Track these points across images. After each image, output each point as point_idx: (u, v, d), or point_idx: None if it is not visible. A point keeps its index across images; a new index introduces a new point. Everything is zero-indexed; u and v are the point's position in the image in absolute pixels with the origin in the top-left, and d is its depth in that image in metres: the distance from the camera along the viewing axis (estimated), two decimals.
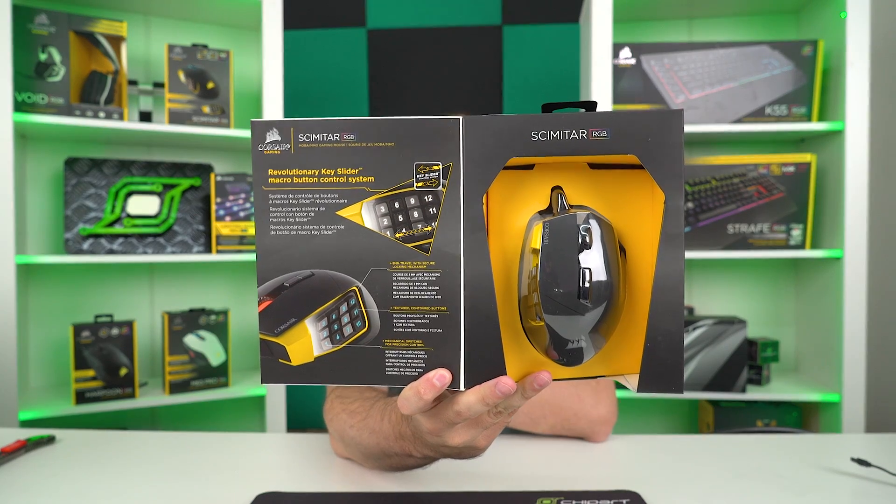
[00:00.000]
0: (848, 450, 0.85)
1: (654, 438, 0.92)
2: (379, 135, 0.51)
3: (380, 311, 0.51)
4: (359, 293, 0.52)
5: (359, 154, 0.51)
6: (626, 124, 0.48)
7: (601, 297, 0.49)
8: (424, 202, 0.51)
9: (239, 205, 1.70)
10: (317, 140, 0.51)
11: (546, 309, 0.49)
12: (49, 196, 1.70)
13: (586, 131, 0.48)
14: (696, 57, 1.68)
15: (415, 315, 0.51)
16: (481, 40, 2.17)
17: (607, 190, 0.52)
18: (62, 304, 1.72)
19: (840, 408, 1.60)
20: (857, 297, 1.59)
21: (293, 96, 2.14)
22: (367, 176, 0.51)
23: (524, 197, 0.53)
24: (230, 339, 1.73)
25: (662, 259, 0.48)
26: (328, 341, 0.52)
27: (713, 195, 1.67)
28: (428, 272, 0.51)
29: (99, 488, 0.73)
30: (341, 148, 0.51)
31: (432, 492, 0.71)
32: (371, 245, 0.51)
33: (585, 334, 0.50)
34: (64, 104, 1.53)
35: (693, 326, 1.65)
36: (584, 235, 0.49)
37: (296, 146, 0.51)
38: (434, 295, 0.51)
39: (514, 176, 0.53)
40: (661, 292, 0.49)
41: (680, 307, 0.49)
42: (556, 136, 0.49)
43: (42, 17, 1.51)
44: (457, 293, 0.50)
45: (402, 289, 0.51)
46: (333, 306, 0.52)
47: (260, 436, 0.95)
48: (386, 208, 0.51)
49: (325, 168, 0.51)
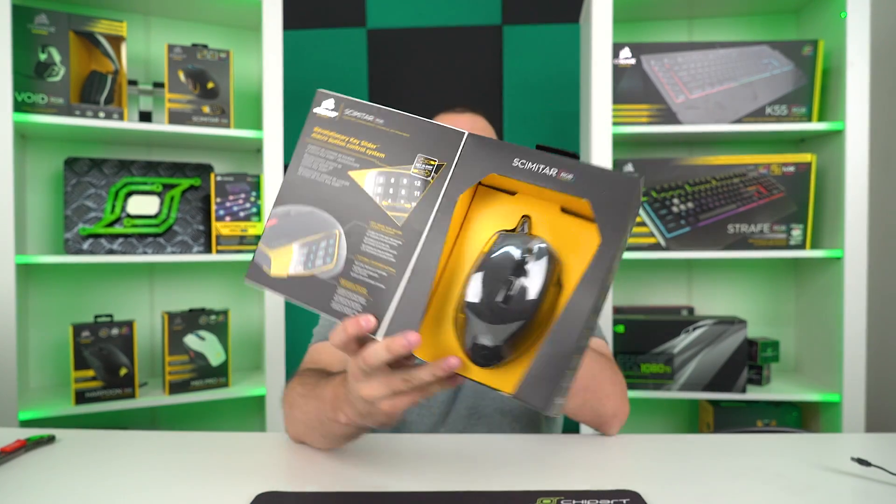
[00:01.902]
0: (848, 449, 0.85)
1: (654, 438, 0.92)
2: (401, 126, 0.64)
3: (347, 255, 0.62)
4: (338, 236, 0.63)
5: (381, 135, 0.64)
6: (590, 175, 0.55)
7: (521, 314, 0.55)
8: (413, 185, 0.62)
9: (239, 205, 1.70)
10: (356, 116, 0.65)
11: (469, 305, 0.57)
12: (49, 196, 1.70)
13: (556, 171, 0.56)
14: (696, 57, 1.68)
15: (369, 267, 0.61)
16: (481, 40, 2.17)
17: (568, 232, 0.60)
18: (62, 304, 1.72)
19: (840, 408, 1.60)
20: (858, 297, 1.59)
21: (293, 96, 2.14)
22: (380, 153, 0.64)
23: (499, 215, 0.62)
24: (230, 339, 1.73)
25: (576, 294, 0.54)
26: (301, 265, 0.64)
27: (713, 195, 1.67)
28: (394, 238, 0.61)
29: (99, 488, 0.73)
30: (370, 127, 0.65)
31: (432, 492, 0.71)
32: (361, 204, 0.63)
33: (499, 341, 0.55)
34: (64, 104, 1.53)
35: (693, 326, 1.65)
36: (527, 256, 0.56)
37: (341, 116, 0.66)
38: (390, 257, 0.61)
39: (497, 196, 0.63)
40: (563, 320, 0.54)
41: (573, 339, 0.53)
42: (532, 168, 0.57)
43: (42, 16, 1.51)
44: (407, 261, 0.60)
45: (369, 244, 0.62)
46: (316, 240, 0.64)
47: (260, 436, 0.95)
48: (384, 180, 0.63)
49: (353, 138, 0.65)
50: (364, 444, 0.89)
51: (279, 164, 1.71)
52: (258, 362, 1.91)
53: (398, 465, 0.81)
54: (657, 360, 1.67)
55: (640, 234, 1.69)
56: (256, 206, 1.72)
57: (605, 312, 1.63)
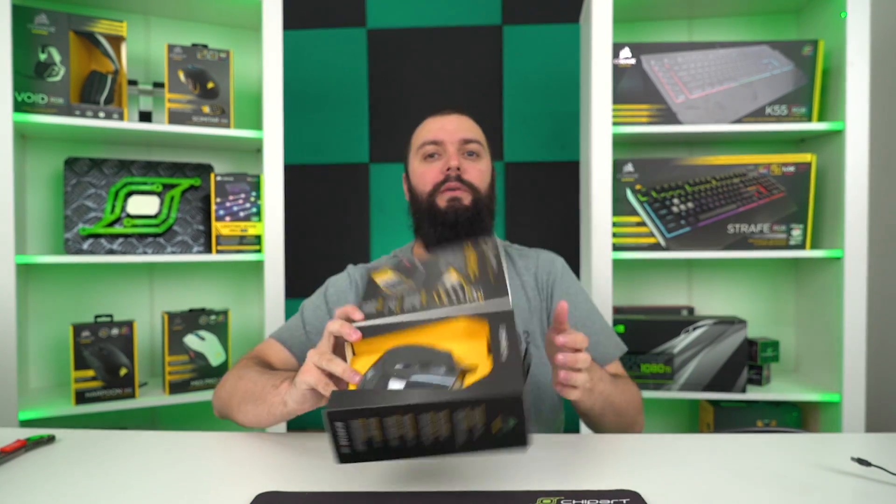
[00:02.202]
0: (848, 449, 0.85)
1: (654, 438, 0.92)
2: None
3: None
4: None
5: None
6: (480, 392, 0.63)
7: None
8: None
9: (239, 205, 1.70)
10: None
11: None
12: (49, 196, 1.70)
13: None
14: (696, 57, 1.68)
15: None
16: (481, 40, 2.17)
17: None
18: (62, 304, 1.72)
19: (840, 408, 1.60)
20: (857, 297, 1.59)
21: (293, 96, 2.14)
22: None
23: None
24: (230, 339, 1.73)
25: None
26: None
27: (713, 195, 1.67)
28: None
29: (99, 488, 0.73)
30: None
31: (432, 491, 0.71)
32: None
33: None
34: (64, 104, 1.53)
35: (693, 326, 1.65)
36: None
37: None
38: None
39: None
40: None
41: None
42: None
43: (42, 16, 1.51)
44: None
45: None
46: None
47: (260, 436, 0.95)
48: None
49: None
50: None
51: (279, 164, 1.71)
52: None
53: (398, 465, 0.81)
54: (657, 360, 1.67)
55: (640, 234, 1.69)
56: (256, 206, 1.72)
57: (605, 313, 1.63)
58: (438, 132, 1.14)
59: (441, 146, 1.14)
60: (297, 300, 2.09)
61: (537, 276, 1.16)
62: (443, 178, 1.12)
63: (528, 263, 1.18)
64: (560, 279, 1.15)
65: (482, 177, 1.14)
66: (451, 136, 1.13)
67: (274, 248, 1.71)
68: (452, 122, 1.15)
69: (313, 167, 2.19)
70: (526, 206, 2.17)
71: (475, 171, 1.14)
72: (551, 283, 1.15)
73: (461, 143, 1.13)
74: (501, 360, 0.66)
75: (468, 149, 1.14)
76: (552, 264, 1.17)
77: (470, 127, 1.16)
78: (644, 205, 1.69)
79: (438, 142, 1.13)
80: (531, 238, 2.10)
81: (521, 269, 1.17)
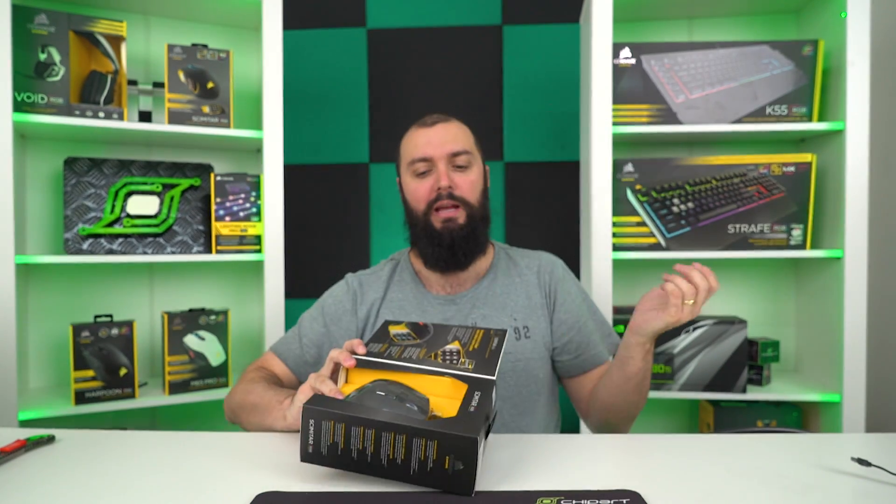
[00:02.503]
0: (848, 449, 0.85)
1: (654, 438, 0.92)
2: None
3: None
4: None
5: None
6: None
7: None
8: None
9: (239, 205, 1.70)
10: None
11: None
12: (48, 196, 1.70)
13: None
14: (696, 57, 1.68)
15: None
16: (481, 40, 2.17)
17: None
18: (62, 304, 1.72)
19: (840, 408, 1.60)
20: (858, 297, 1.59)
21: (293, 96, 2.14)
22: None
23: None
24: (230, 339, 1.73)
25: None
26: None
27: (713, 195, 1.67)
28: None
29: (99, 488, 0.73)
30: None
31: (432, 492, 0.71)
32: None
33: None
34: (63, 104, 1.53)
35: (693, 326, 1.65)
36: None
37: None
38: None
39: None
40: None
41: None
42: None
43: (42, 16, 1.51)
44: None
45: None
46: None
47: (260, 436, 0.95)
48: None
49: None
50: None
51: (279, 164, 1.71)
52: None
53: None
54: (657, 361, 1.66)
55: (640, 234, 1.69)
56: (256, 206, 1.72)
57: (606, 313, 1.63)
58: (426, 147, 1.13)
59: (430, 162, 1.13)
60: (297, 300, 2.09)
61: (539, 275, 1.20)
62: (435, 195, 1.13)
63: (531, 262, 1.22)
64: (562, 281, 1.20)
65: (473, 188, 1.15)
66: (438, 151, 1.13)
67: (274, 248, 1.71)
68: (439, 133, 1.14)
69: (313, 167, 2.19)
70: (526, 206, 2.17)
71: (466, 183, 1.14)
72: (554, 285, 1.19)
73: (449, 157, 1.13)
74: (468, 411, 0.74)
75: (457, 162, 1.14)
76: (553, 266, 1.22)
77: (456, 135, 1.15)
78: (644, 205, 1.69)
79: (427, 158, 1.13)
80: (531, 238, 2.10)
81: (524, 268, 1.21)
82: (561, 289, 1.19)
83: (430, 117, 1.18)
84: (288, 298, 1.81)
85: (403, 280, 1.21)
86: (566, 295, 1.18)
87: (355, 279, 1.23)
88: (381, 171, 2.19)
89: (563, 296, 1.18)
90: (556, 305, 1.18)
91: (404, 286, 1.20)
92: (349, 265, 1.49)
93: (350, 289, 1.21)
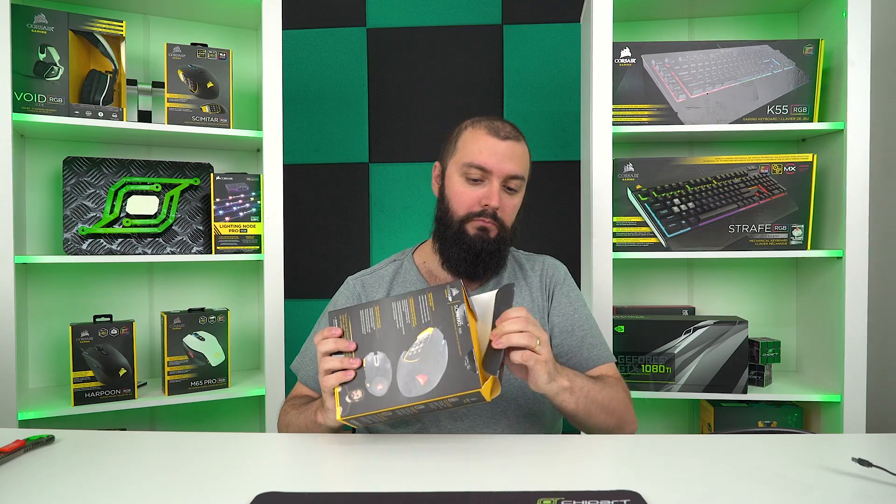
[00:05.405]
0: (849, 450, 0.85)
1: (654, 438, 0.92)
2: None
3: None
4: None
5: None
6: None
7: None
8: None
9: (238, 204, 1.70)
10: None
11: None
12: (48, 196, 1.70)
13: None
14: (696, 56, 1.68)
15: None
16: (481, 40, 2.17)
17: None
18: (61, 304, 1.72)
19: (841, 408, 1.59)
20: (858, 297, 1.58)
21: (293, 96, 2.14)
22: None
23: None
24: (229, 339, 1.73)
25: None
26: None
27: (714, 195, 1.67)
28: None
29: (99, 488, 0.73)
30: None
31: (432, 492, 0.71)
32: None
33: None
34: (63, 104, 1.53)
35: (694, 327, 1.65)
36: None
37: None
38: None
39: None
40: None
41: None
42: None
43: (41, 16, 1.51)
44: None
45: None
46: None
47: (260, 436, 0.94)
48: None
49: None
50: (364, 445, 0.89)
51: (279, 164, 1.70)
52: (257, 362, 1.90)
53: (398, 465, 0.81)
54: (658, 361, 1.66)
55: (640, 234, 1.69)
56: (256, 205, 1.72)
57: (606, 313, 1.63)
58: (489, 159, 1.11)
59: (487, 173, 1.11)
60: (297, 300, 2.09)
61: (542, 277, 1.22)
62: (479, 209, 1.12)
63: (535, 266, 1.24)
64: (562, 284, 1.21)
65: (513, 212, 1.16)
66: (499, 168, 1.11)
67: (273, 248, 1.71)
68: (506, 150, 1.12)
69: (313, 167, 2.19)
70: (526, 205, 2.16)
71: (510, 207, 1.15)
72: (553, 286, 1.21)
73: (507, 177, 1.12)
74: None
75: (510, 185, 1.13)
76: (556, 269, 1.24)
77: (520, 159, 1.14)
78: (644, 205, 1.69)
79: (486, 169, 1.11)
80: (531, 238, 2.10)
81: (528, 272, 1.23)
82: (558, 291, 1.20)
83: (503, 127, 1.14)
84: (287, 298, 1.81)
85: (408, 281, 1.21)
86: (562, 297, 1.19)
87: (357, 281, 1.23)
88: (381, 171, 2.19)
89: (559, 297, 1.19)
90: (551, 306, 1.19)
91: (408, 287, 1.20)
92: (349, 265, 1.49)
93: (353, 291, 1.21)
